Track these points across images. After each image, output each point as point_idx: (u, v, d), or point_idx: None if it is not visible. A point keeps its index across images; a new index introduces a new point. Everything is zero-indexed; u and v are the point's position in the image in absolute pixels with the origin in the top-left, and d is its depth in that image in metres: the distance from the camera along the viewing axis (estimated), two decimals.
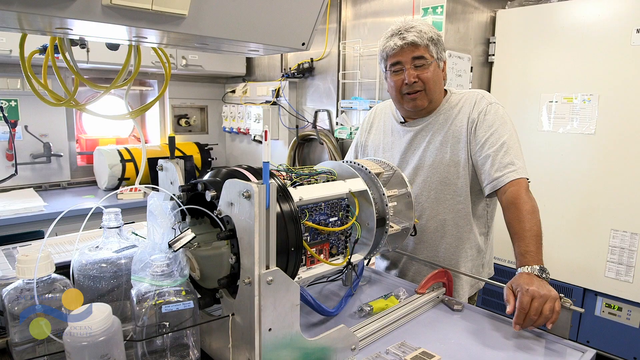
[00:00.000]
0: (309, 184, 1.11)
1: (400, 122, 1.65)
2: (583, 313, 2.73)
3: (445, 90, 1.62)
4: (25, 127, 3.10)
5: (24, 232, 1.31)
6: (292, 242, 0.92)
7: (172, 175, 1.04)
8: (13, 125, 2.99)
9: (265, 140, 0.78)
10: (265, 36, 1.08)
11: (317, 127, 3.31)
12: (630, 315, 2.59)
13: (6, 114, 2.95)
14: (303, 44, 1.16)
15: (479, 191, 1.55)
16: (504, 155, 1.42)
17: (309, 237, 1.08)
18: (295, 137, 3.42)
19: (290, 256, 0.92)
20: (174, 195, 0.97)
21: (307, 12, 1.12)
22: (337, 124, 3.14)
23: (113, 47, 1.22)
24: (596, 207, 2.60)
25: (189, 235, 0.88)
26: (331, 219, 1.12)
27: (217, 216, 0.88)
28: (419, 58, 1.48)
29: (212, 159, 3.87)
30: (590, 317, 2.71)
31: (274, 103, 3.53)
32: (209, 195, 0.90)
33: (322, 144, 3.24)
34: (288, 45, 1.14)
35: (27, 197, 2.85)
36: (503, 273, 2.95)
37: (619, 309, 2.62)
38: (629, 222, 2.49)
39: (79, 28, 0.91)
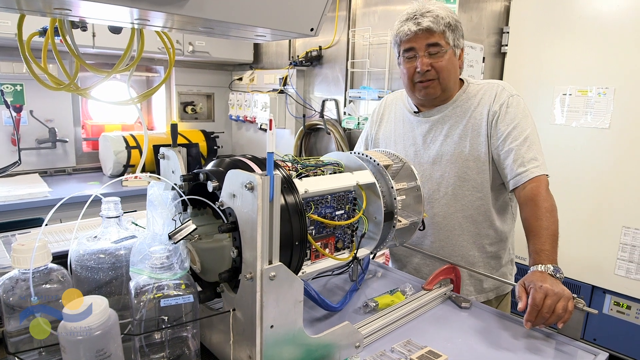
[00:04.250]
0: (315, 175, 1.07)
1: (414, 112, 1.58)
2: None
3: (462, 80, 1.55)
4: (31, 112, 3.08)
5: (23, 219, 1.29)
6: (297, 236, 0.89)
7: (173, 164, 1.01)
8: (18, 110, 2.97)
9: (270, 129, 0.75)
10: (272, 20, 1.03)
11: (325, 117, 3.26)
12: None
13: (6, 99, 2.90)
14: (312, 29, 1.11)
15: (500, 186, 1.48)
16: (528, 150, 1.37)
17: (314, 231, 1.04)
18: (302, 127, 3.38)
19: (294, 250, 0.89)
20: (175, 184, 0.94)
21: None
22: (345, 113, 3.09)
23: (115, 30, 1.18)
24: (608, 203, 2.54)
25: (190, 226, 0.85)
26: (337, 212, 1.08)
27: (218, 208, 0.85)
28: (434, 45, 1.40)
29: (218, 147, 3.84)
30: (598, 315, 2.66)
31: (281, 91, 3.48)
32: (210, 186, 0.87)
33: (330, 133, 3.19)
34: (296, 30, 1.09)
35: (32, 182, 2.85)
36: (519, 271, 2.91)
37: (628, 307, 2.58)
38: None
39: (78, 8, 0.87)
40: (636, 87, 2.38)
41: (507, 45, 2.86)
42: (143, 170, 1.21)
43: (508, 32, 2.85)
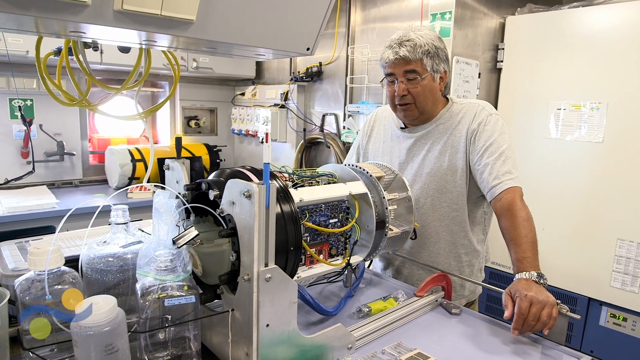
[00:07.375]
0: (310, 185, 1.14)
1: (401, 128, 1.68)
2: (587, 323, 2.71)
3: (448, 99, 1.64)
4: (40, 125, 3.18)
5: (35, 227, 1.36)
6: (292, 242, 0.95)
7: (177, 175, 1.07)
8: (28, 124, 3.07)
9: (267, 142, 0.82)
10: (270, 41, 1.11)
11: (325, 131, 3.34)
12: (636, 326, 2.57)
13: (23, 114, 3.04)
14: (308, 49, 1.19)
15: (477, 199, 1.58)
16: (503, 164, 1.45)
17: (308, 238, 1.10)
18: (302, 140, 3.46)
19: (289, 255, 0.95)
20: (179, 193, 1.01)
21: (312, 18, 1.15)
22: (344, 127, 3.17)
23: (124, 49, 1.27)
24: (603, 216, 2.59)
25: (192, 232, 0.92)
26: (331, 221, 1.14)
27: (219, 214, 0.91)
28: (411, 72, 1.51)
29: (221, 160, 3.92)
30: (594, 326, 2.70)
31: (283, 106, 3.57)
32: (212, 194, 0.93)
33: (329, 147, 3.27)
34: (293, 50, 1.17)
35: (40, 194, 2.92)
36: (500, 278, 2.94)
37: (624, 319, 2.60)
38: (636, 231, 2.48)
39: (91, 32, 0.95)
40: (628, 102, 2.45)
41: (502, 61, 2.94)
42: (148, 180, 1.28)
43: (503, 49, 2.93)
